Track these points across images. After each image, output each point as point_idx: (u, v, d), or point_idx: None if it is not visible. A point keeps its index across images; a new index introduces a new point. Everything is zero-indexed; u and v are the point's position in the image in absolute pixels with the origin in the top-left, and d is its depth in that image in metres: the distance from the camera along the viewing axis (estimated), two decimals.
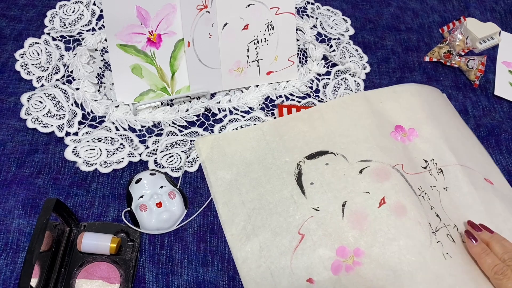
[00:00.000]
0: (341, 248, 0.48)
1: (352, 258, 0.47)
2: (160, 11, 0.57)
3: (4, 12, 0.67)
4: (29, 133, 0.56)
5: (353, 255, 0.47)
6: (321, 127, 0.57)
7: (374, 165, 0.53)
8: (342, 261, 0.47)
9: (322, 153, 0.54)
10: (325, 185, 0.52)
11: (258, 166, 0.54)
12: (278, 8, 0.61)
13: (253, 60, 0.63)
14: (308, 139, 0.56)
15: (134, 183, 0.52)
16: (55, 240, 0.47)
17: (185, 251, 0.50)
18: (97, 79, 0.61)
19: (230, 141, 0.56)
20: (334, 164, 0.53)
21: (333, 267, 0.47)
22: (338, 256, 0.47)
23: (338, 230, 0.48)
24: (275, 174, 0.53)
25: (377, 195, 0.50)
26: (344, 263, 0.47)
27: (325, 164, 0.53)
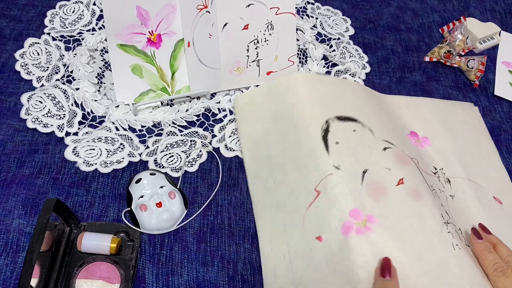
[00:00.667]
0: (355, 210, 0.46)
1: (365, 223, 0.45)
2: (160, 11, 0.57)
3: (4, 12, 0.67)
4: (29, 133, 0.56)
5: (366, 220, 0.45)
6: (354, 97, 0.57)
7: (396, 149, 0.52)
8: (354, 222, 0.45)
9: (352, 119, 0.53)
10: (350, 149, 0.50)
11: (288, 118, 0.54)
12: (278, 8, 0.61)
13: (253, 60, 0.63)
14: (341, 102, 0.55)
15: (134, 183, 0.52)
16: (55, 240, 0.47)
17: (185, 251, 0.50)
18: (97, 79, 0.61)
19: (264, 93, 0.57)
20: (361, 134, 0.52)
21: (344, 227, 0.45)
22: (350, 217, 0.45)
23: (355, 193, 0.47)
24: (303, 126, 0.52)
25: (397, 174, 0.49)
26: (356, 225, 0.45)
27: (352, 130, 0.52)
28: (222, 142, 0.58)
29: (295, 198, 0.49)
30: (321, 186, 0.48)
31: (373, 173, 0.49)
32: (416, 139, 0.59)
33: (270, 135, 0.54)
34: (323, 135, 0.51)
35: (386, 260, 0.43)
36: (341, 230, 0.45)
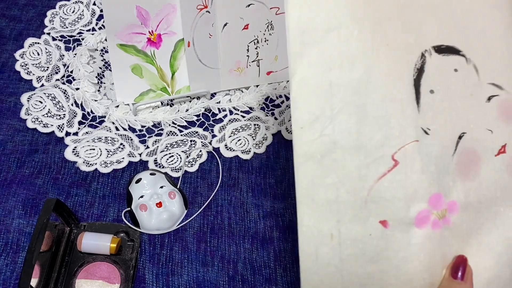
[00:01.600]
0: (437, 195, 0.35)
1: (444, 213, 0.35)
2: (160, 11, 0.57)
3: (4, 12, 0.67)
4: (29, 133, 0.56)
5: (447, 209, 0.35)
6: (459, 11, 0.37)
7: (505, 96, 0.37)
8: (433, 213, 0.35)
9: (454, 50, 0.37)
10: (447, 101, 0.36)
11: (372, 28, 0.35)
12: (278, 8, 0.61)
13: (253, 60, 0.63)
14: (443, 20, 0.37)
15: (134, 183, 0.52)
16: (55, 240, 0.47)
17: (185, 251, 0.50)
18: (97, 79, 0.61)
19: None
20: (464, 75, 0.37)
21: (419, 217, 0.35)
22: (429, 205, 0.35)
23: (442, 169, 0.35)
24: (390, 57, 0.35)
25: (500, 138, 0.37)
26: (434, 216, 0.35)
27: (453, 69, 0.36)
28: (222, 142, 0.58)
29: (362, 161, 0.35)
30: (400, 155, 0.35)
31: (471, 138, 0.36)
32: None
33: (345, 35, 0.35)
34: (416, 78, 0.35)
35: (462, 259, 0.35)
36: (414, 220, 0.35)
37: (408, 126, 0.35)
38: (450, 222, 0.35)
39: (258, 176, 0.56)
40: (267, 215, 0.53)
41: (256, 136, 0.59)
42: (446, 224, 0.35)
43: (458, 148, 0.36)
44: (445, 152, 0.36)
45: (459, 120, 0.36)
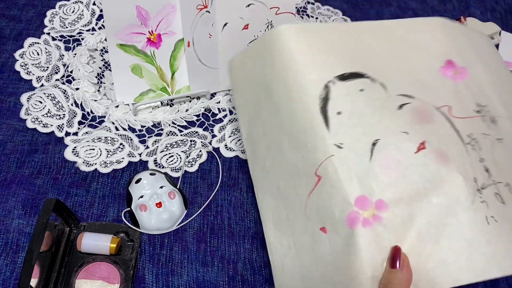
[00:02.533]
0: (362, 197, 0.39)
1: (373, 211, 0.39)
2: (160, 11, 0.57)
3: (4, 12, 0.67)
4: (29, 133, 0.56)
5: (374, 208, 0.39)
6: (360, 45, 0.46)
7: (416, 103, 0.43)
8: (360, 213, 0.39)
9: (358, 75, 0.44)
10: (356, 117, 0.42)
11: (280, 85, 0.44)
12: (278, 8, 0.61)
13: None
14: (343, 55, 0.45)
15: (134, 183, 0.52)
16: (55, 240, 0.47)
17: (185, 251, 0.50)
18: (97, 79, 0.61)
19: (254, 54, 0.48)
20: (370, 92, 0.43)
21: (349, 219, 0.39)
22: (356, 207, 0.39)
23: (361, 175, 0.40)
24: (297, 96, 0.43)
25: (416, 137, 0.41)
26: (362, 215, 0.39)
27: (359, 90, 0.43)
28: (222, 142, 0.58)
29: (295, 183, 0.43)
30: (321, 170, 0.41)
31: (385, 142, 0.41)
32: (454, 70, 0.48)
33: (263, 106, 0.46)
34: (322, 106, 0.42)
35: (396, 249, 0.38)
36: (346, 222, 0.39)
37: (323, 146, 0.41)
38: (381, 219, 0.38)
39: None
40: None
41: None
42: (377, 221, 0.38)
43: (374, 153, 0.40)
44: (362, 160, 0.40)
45: (370, 129, 0.41)
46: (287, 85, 0.44)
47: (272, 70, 0.45)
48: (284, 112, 0.44)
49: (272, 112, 0.45)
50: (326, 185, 0.41)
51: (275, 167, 0.45)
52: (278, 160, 0.45)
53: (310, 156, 0.42)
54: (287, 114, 0.44)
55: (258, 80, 0.47)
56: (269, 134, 0.46)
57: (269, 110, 0.46)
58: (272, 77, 0.45)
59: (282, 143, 0.44)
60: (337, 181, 0.40)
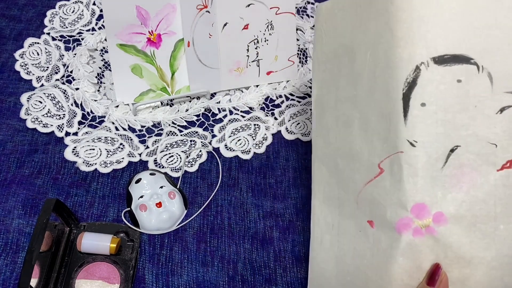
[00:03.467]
0: (420, 205, 0.35)
1: (428, 223, 0.35)
2: (160, 11, 0.57)
3: (4, 12, 0.67)
4: (29, 133, 0.56)
5: (431, 220, 0.35)
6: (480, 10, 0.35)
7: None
8: (414, 221, 0.35)
9: (462, 59, 0.35)
10: (441, 113, 0.35)
11: (365, 53, 0.38)
12: (278, 8, 0.61)
13: (253, 60, 0.62)
14: (452, 27, 0.35)
15: (134, 183, 0.52)
16: (55, 240, 0.47)
17: (185, 251, 0.50)
18: (97, 79, 0.61)
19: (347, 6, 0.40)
20: (470, 84, 0.35)
21: (400, 223, 0.36)
22: (411, 214, 0.35)
23: (428, 180, 0.35)
24: (381, 74, 0.36)
25: (506, 152, 0.35)
26: (415, 224, 0.35)
27: (456, 80, 0.35)
28: (222, 142, 0.58)
29: (354, 166, 0.39)
30: (386, 164, 0.37)
31: (465, 151, 0.35)
32: None
33: (343, 72, 0.40)
34: (405, 92, 0.35)
35: (437, 266, 0.35)
36: (395, 225, 0.36)
37: (394, 138, 0.36)
38: (435, 232, 0.35)
39: (258, 176, 0.56)
40: (267, 215, 0.53)
41: (256, 136, 0.59)
42: (430, 233, 0.35)
43: (449, 161, 0.35)
44: (433, 164, 0.35)
45: (453, 133, 0.35)
46: (375, 57, 0.37)
47: (363, 34, 0.38)
48: (363, 87, 0.38)
49: (351, 83, 0.40)
50: (386, 181, 0.37)
51: (339, 143, 0.41)
52: (344, 137, 0.40)
53: (378, 145, 0.37)
54: (366, 90, 0.38)
55: (344, 40, 0.40)
56: (341, 105, 0.41)
57: (348, 79, 0.40)
58: (361, 42, 0.38)
59: (352, 121, 0.39)
60: (399, 181, 0.36)
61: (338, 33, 0.41)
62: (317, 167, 0.44)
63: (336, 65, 0.41)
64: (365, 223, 0.39)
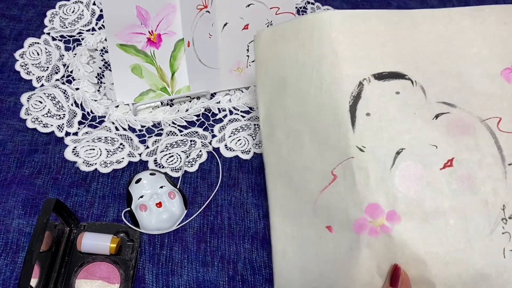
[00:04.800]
0: (373, 205, 0.38)
1: (382, 221, 0.37)
2: (160, 11, 0.57)
3: (4, 12, 0.67)
4: (29, 133, 0.56)
5: (385, 218, 0.37)
6: (407, 40, 0.42)
7: (457, 113, 0.40)
8: (369, 221, 0.37)
9: (397, 75, 0.41)
10: (385, 121, 0.39)
11: (313, 73, 0.42)
12: (278, 8, 0.61)
13: (253, 60, 0.62)
14: (386, 52, 0.41)
15: (134, 183, 0.52)
16: (55, 240, 0.47)
17: (185, 251, 0.50)
18: (97, 79, 0.61)
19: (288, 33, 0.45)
20: (407, 96, 0.40)
21: (356, 224, 0.38)
22: (366, 214, 0.38)
23: (379, 182, 0.38)
24: (327, 89, 0.41)
25: (445, 152, 0.39)
26: (371, 224, 0.37)
27: (395, 92, 0.40)
28: (222, 142, 0.58)
29: (308, 177, 0.42)
30: (338, 170, 0.39)
31: (410, 153, 0.39)
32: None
33: (289, 90, 0.43)
34: (351, 104, 0.39)
35: (396, 268, 0.37)
36: (353, 227, 0.38)
37: (344, 146, 0.39)
38: (390, 230, 0.37)
39: (258, 176, 0.56)
40: (267, 215, 0.53)
41: (256, 136, 0.59)
42: (385, 232, 0.37)
43: (396, 162, 0.38)
44: (382, 167, 0.38)
45: (397, 137, 0.39)
46: (320, 75, 0.41)
47: (307, 56, 0.42)
48: (311, 102, 0.42)
49: (298, 99, 0.43)
50: (340, 186, 0.39)
51: (291, 156, 0.43)
52: (295, 150, 0.43)
53: (329, 153, 0.40)
54: (314, 105, 0.41)
55: (288, 63, 0.44)
56: (290, 121, 0.44)
57: (295, 96, 0.43)
58: (304, 63, 0.43)
59: (302, 134, 0.42)
60: (352, 185, 0.39)
61: (281, 57, 0.45)
62: (272, 183, 0.46)
63: (281, 85, 0.45)
64: (324, 229, 0.40)
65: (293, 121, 0.43)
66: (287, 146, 0.44)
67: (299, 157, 0.43)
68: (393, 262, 0.37)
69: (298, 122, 0.43)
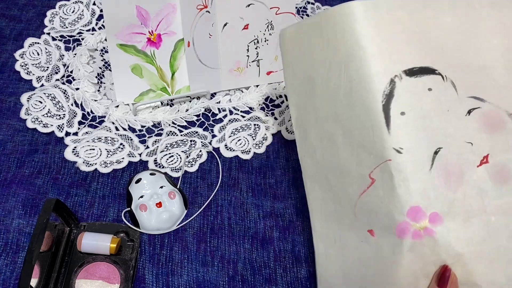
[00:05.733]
0: (415, 208, 0.36)
1: (425, 224, 0.36)
2: (160, 11, 0.57)
3: (4, 12, 0.67)
4: (29, 133, 0.56)
5: (428, 221, 0.36)
6: (432, 32, 0.40)
7: (486, 107, 0.39)
8: (412, 224, 0.36)
9: (428, 71, 0.39)
10: (420, 119, 0.38)
11: (341, 72, 0.40)
12: (278, 8, 0.61)
13: (253, 60, 0.62)
14: (413, 45, 0.39)
15: (134, 183, 0.52)
16: (55, 240, 0.47)
17: (185, 251, 0.50)
18: (97, 79, 0.61)
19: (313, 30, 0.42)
20: (439, 92, 0.38)
21: (399, 228, 0.37)
22: (408, 218, 0.36)
23: (419, 184, 0.37)
24: (358, 88, 0.38)
25: (480, 149, 0.38)
26: (413, 227, 0.36)
27: (427, 89, 0.38)
28: (222, 142, 0.58)
29: (346, 181, 0.41)
30: (376, 173, 0.38)
31: (448, 151, 0.37)
32: None
33: (318, 92, 0.42)
34: (385, 104, 0.37)
35: (446, 268, 0.36)
36: (395, 231, 0.37)
37: (380, 148, 0.38)
38: (434, 232, 0.36)
39: (258, 176, 0.56)
40: (267, 215, 0.53)
41: (256, 136, 0.59)
42: (429, 234, 0.36)
43: (435, 163, 0.37)
44: (421, 168, 0.37)
45: (434, 136, 0.38)
46: (348, 74, 0.39)
47: (333, 54, 0.40)
48: (341, 103, 0.40)
49: (328, 101, 0.41)
50: (379, 190, 0.38)
51: (326, 159, 0.42)
52: (330, 153, 0.42)
53: (365, 156, 0.39)
54: (345, 106, 0.40)
55: (315, 62, 0.42)
56: (322, 123, 0.42)
57: (325, 98, 0.42)
58: (332, 62, 0.40)
59: (336, 137, 0.41)
60: (391, 188, 0.37)
61: (307, 56, 0.43)
62: (310, 186, 0.45)
63: (309, 86, 0.43)
64: (366, 233, 0.40)
65: (325, 123, 0.42)
66: (322, 149, 0.43)
67: (334, 161, 0.42)
68: (438, 264, 0.36)
69: (330, 124, 0.41)
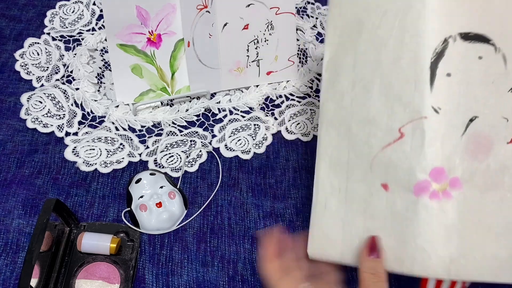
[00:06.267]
0: (439, 169, 0.37)
1: (445, 187, 0.37)
2: (160, 11, 0.57)
3: (4, 12, 0.67)
4: (29, 133, 0.56)
5: (448, 183, 0.37)
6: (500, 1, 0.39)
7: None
8: (432, 184, 0.37)
9: (483, 39, 0.39)
10: (464, 85, 0.38)
11: (393, 21, 0.39)
12: (278, 8, 0.61)
13: (253, 60, 0.62)
14: (475, 9, 0.39)
15: (134, 183, 0.52)
16: (55, 240, 0.47)
17: (185, 251, 0.50)
18: (97, 79, 0.61)
19: None
20: (489, 63, 0.38)
21: (418, 186, 0.38)
22: (430, 177, 0.37)
23: (448, 146, 0.37)
24: (410, 41, 0.38)
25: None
26: (433, 187, 0.37)
27: (478, 56, 0.38)
28: (222, 142, 0.58)
29: (371, 131, 0.40)
30: (407, 128, 0.38)
31: (482, 122, 0.38)
32: None
33: (365, 36, 0.41)
34: (433, 61, 0.38)
35: (374, 239, 0.38)
36: (413, 188, 0.38)
37: (419, 104, 0.38)
38: (451, 196, 0.37)
39: (258, 176, 0.56)
40: (267, 215, 0.53)
41: (256, 136, 0.59)
42: (446, 197, 0.37)
43: (468, 130, 0.38)
44: (454, 132, 0.38)
45: (473, 104, 0.38)
46: (403, 25, 0.39)
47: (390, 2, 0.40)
48: (388, 53, 0.39)
49: (373, 47, 0.40)
50: (406, 145, 0.38)
51: (354, 107, 0.41)
52: (361, 101, 0.41)
53: (400, 110, 0.39)
54: (391, 56, 0.39)
55: (369, 6, 0.41)
56: (360, 69, 0.41)
57: (370, 44, 0.41)
58: (387, 10, 0.40)
59: (372, 85, 0.40)
60: (420, 146, 0.38)
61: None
62: (325, 131, 0.43)
63: (356, 29, 0.42)
64: (379, 186, 0.40)
65: (363, 69, 0.41)
66: (351, 96, 0.42)
67: (363, 109, 0.41)
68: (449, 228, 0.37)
69: (369, 71, 0.41)
